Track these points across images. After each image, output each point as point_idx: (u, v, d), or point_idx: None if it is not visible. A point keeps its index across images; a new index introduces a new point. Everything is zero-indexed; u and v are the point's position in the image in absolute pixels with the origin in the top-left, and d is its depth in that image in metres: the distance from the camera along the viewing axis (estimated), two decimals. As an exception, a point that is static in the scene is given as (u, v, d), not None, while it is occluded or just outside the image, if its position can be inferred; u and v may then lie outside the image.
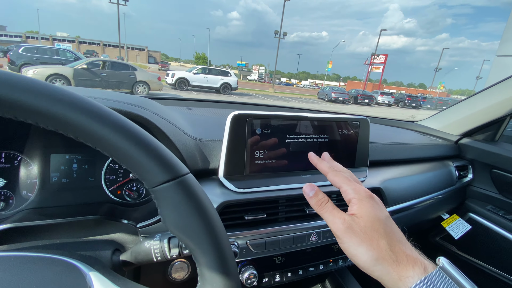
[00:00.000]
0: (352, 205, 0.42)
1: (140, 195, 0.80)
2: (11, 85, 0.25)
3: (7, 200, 0.69)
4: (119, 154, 0.29)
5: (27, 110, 0.25)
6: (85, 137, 0.28)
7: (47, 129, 0.28)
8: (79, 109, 0.27)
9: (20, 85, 0.25)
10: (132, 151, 0.29)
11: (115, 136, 0.28)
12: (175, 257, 0.45)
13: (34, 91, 0.25)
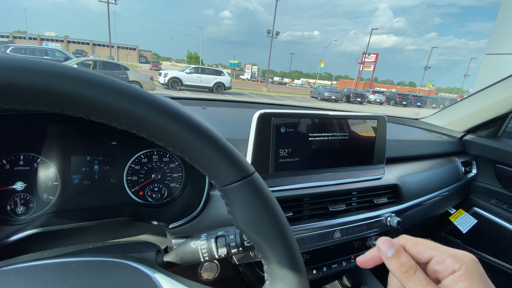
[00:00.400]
0: (455, 281, 0.29)
1: (162, 196, 0.79)
2: (92, 84, 0.24)
3: (27, 204, 0.67)
4: (192, 154, 0.29)
5: (108, 112, 0.25)
6: (159, 137, 0.28)
7: (120, 128, 0.27)
8: (158, 109, 0.26)
9: (102, 84, 0.24)
10: (207, 151, 0.29)
11: (192, 137, 0.28)
12: (223, 257, 0.45)
13: (114, 90, 0.25)
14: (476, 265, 0.30)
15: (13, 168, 0.66)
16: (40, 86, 0.22)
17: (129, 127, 0.27)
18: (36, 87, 0.21)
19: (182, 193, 0.79)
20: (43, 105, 0.23)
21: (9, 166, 0.66)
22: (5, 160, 0.65)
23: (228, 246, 0.45)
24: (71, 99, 0.23)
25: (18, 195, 0.66)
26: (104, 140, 0.76)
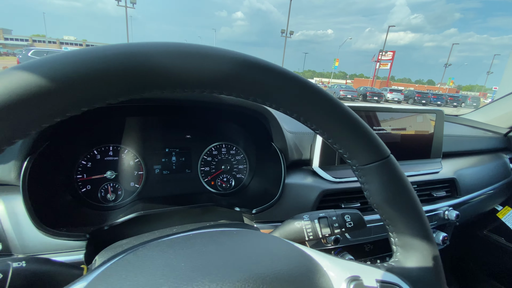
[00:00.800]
0: None
1: (231, 186, 0.84)
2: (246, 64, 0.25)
3: (116, 192, 0.73)
4: (338, 134, 0.32)
5: (268, 93, 0.27)
6: (311, 118, 0.30)
7: (271, 107, 0.29)
8: (316, 93, 0.29)
9: (257, 65, 0.26)
10: (353, 133, 0.32)
11: (342, 119, 0.30)
12: (327, 236, 0.48)
13: (274, 72, 0.27)
14: None
15: (104, 158, 0.73)
16: (194, 69, 0.22)
17: (285, 109, 0.30)
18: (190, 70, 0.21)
19: (250, 183, 0.84)
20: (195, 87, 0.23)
21: (100, 156, 0.72)
22: (97, 151, 0.72)
23: (331, 226, 0.48)
24: (232, 80, 0.24)
25: (108, 183, 0.72)
26: (180, 133, 0.82)
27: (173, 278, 0.23)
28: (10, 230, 0.50)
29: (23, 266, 0.33)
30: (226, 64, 0.23)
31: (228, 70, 0.23)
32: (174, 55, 0.21)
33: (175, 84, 0.22)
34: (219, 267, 0.25)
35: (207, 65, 0.22)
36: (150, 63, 0.20)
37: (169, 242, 0.30)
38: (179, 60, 0.21)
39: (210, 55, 0.22)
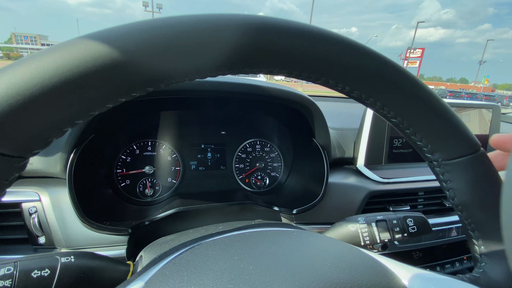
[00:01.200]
0: None
1: (265, 184, 0.81)
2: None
3: (154, 187, 0.73)
4: (422, 123, 0.27)
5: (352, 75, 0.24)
6: (389, 101, 0.26)
7: (341, 91, 0.26)
8: (407, 80, 0.25)
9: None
10: (442, 121, 0.27)
11: (430, 103, 0.26)
12: (386, 241, 0.43)
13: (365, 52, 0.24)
14: None
15: (143, 153, 0.73)
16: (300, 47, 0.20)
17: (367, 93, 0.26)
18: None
19: (285, 181, 0.80)
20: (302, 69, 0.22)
21: (138, 151, 0.72)
22: (136, 146, 0.72)
23: (392, 231, 0.43)
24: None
25: (147, 178, 0.72)
26: (215, 130, 0.80)
27: (244, 284, 0.20)
28: (54, 223, 0.50)
29: (71, 261, 0.31)
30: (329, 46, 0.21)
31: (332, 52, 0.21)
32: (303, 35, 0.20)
33: (291, 65, 0.21)
34: (295, 273, 0.21)
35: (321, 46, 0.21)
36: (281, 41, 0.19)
37: (228, 240, 0.27)
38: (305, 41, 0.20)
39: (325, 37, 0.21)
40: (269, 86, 0.58)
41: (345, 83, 0.24)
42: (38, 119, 0.15)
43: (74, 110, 0.16)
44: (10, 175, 0.15)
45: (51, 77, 0.14)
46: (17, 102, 0.14)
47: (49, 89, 0.14)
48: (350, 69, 0.23)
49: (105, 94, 0.16)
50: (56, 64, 0.14)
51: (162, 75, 0.17)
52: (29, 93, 0.14)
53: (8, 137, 0.14)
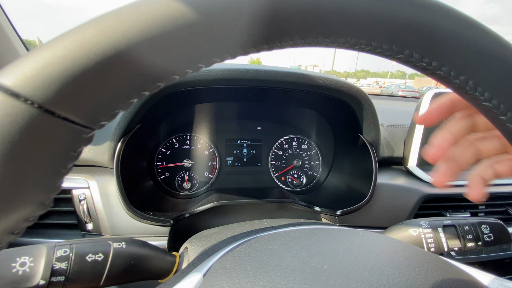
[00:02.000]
0: None
1: (302, 183, 0.78)
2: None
3: (191, 181, 0.73)
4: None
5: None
6: (498, 84, 0.21)
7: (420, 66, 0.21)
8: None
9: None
10: None
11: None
12: (455, 250, 0.38)
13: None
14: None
15: (181, 147, 0.73)
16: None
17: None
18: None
19: (325, 180, 0.76)
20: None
21: (178, 144, 0.73)
22: (175, 139, 0.73)
23: (463, 238, 0.38)
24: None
25: (185, 171, 0.72)
26: (251, 125, 0.78)
27: (322, 285, 0.17)
28: (101, 211, 0.52)
29: (123, 247, 0.31)
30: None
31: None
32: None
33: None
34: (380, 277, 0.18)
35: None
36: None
37: (288, 236, 0.24)
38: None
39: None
40: (315, 74, 0.55)
41: (433, 57, 0.20)
42: (110, 86, 0.13)
43: (144, 78, 0.14)
44: (78, 147, 0.14)
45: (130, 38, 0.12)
46: (91, 65, 0.12)
47: (125, 52, 0.13)
48: (444, 39, 0.19)
49: (177, 62, 0.14)
50: (137, 23, 0.13)
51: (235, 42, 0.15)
52: (105, 56, 0.12)
53: (79, 103, 0.13)
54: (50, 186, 0.13)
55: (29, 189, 0.12)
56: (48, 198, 0.14)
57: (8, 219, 0.12)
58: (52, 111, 0.12)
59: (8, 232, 0.13)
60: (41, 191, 0.13)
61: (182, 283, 0.21)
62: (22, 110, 0.11)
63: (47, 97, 0.12)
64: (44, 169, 0.13)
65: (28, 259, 0.26)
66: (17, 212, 0.12)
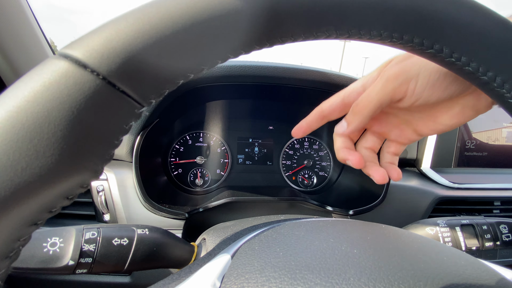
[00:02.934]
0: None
1: (312, 183, 0.78)
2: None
3: (203, 177, 0.74)
4: None
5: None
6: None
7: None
8: None
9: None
10: None
11: None
12: (473, 250, 0.38)
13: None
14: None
15: (194, 144, 0.74)
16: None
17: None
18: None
19: (337, 179, 0.76)
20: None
21: (191, 141, 0.74)
22: (189, 136, 0.74)
23: (481, 238, 0.37)
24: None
25: (197, 168, 0.73)
26: (263, 124, 0.79)
27: (353, 267, 0.17)
28: (118, 202, 0.53)
29: (146, 234, 0.32)
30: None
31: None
32: None
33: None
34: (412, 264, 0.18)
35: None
36: None
37: (312, 224, 0.25)
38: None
39: None
40: (329, 72, 0.55)
41: (462, 53, 0.20)
42: (165, 65, 0.14)
43: (194, 60, 0.15)
44: (130, 121, 0.15)
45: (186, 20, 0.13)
46: (150, 43, 0.13)
47: (182, 32, 0.14)
48: (476, 34, 0.19)
49: (231, 43, 0.15)
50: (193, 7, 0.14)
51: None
52: (164, 35, 0.13)
53: (136, 79, 0.14)
54: (104, 155, 0.14)
55: (88, 154, 0.13)
56: (102, 166, 0.15)
57: (67, 182, 0.13)
58: (113, 83, 0.13)
59: (64, 196, 0.14)
60: (97, 158, 0.14)
61: (211, 263, 0.21)
62: (89, 80, 0.12)
63: (110, 69, 0.13)
64: (102, 137, 0.14)
65: (59, 239, 0.27)
66: (76, 176, 0.13)
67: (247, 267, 0.19)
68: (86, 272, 0.28)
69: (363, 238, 0.21)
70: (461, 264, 0.19)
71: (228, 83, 0.58)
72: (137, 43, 0.13)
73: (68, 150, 0.13)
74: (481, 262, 0.21)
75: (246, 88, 0.64)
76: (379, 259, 0.18)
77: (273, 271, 0.18)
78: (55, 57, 0.13)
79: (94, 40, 0.13)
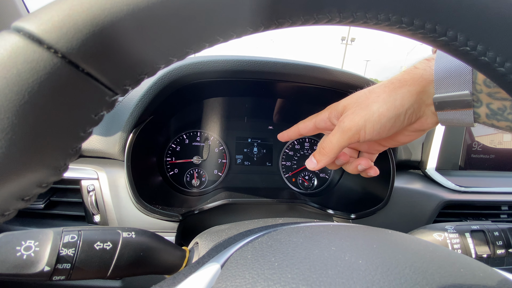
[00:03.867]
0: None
1: (313, 185, 0.75)
2: None
3: (200, 178, 0.71)
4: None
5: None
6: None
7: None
8: None
9: None
10: None
11: None
12: (484, 257, 0.36)
13: None
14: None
15: (191, 143, 0.72)
16: None
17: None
18: None
19: (338, 182, 0.73)
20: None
21: (188, 141, 0.72)
22: (185, 135, 0.72)
23: (492, 244, 0.35)
24: None
25: (194, 168, 0.71)
26: (262, 124, 0.77)
27: (359, 281, 0.15)
28: (109, 203, 0.50)
29: (132, 237, 0.30)
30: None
31: None
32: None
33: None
34: (420, 275, 0.16)
35: None
36: None
37: (312, 229, 0.22)
38: None
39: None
40: (331, 68, 0.53)
41: (479, 40, 0.18)
42: (139, 44, 0.12)
43: (175, 42, 0.13)
44: (100, 110, 0.13)
45: None
46: (120, 17, 0.11)
47: (159, 7, 0.11)
48: (496, 21, 0.17)
49: (221, 23, 0.13)
50: None
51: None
52: (137, 8, 0.11)
53: (105, 60, 0.11)
54: (67, 149, 0.12)
55: (44, 148, 0.11)
56: (64, 163, 0.13)
57: (19, 181, 0.11)
58: (76, 64, 0.11)
59: (18, 197, 0.11)
60: (57, 152, 0.12)
61: (198, 274, 0.19)
62: (43, 58, 0.10)
63: (72, 47, 0.10)
64: (62, 128, 0.11)
65: (34, 243, 0.25)
66: (30, 174, 0.11)
67: (237, 279, 0.17)
68: (65, 279, 0.25)
69: (369, 246, 0.19)
70: (479, 276, 0.17)
71: (226, 78, 0.56)
72: (106, 15, 0.11)
73: (18, 142, 0.10)
74: (503, 275, 0.19)
75: (245, 85, 0.62)
76: (388, 272, 0.16)
77: (266, 285, 0.16)
78: (6, 31, 0.11)
79: (53, 11, 0.10)
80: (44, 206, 0.50)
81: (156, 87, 0.47)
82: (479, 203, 0.59)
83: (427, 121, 0.33)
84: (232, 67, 0.51)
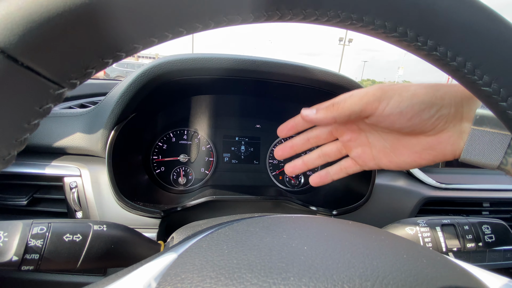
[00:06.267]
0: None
1: (300, 183, 0.76)
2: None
3: (187, 176, 0.72)
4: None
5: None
6: (498, 66, 0.20)
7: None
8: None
9: None
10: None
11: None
12: (454, 251, 0.36)
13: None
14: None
15: (178, 142, 0.72)
16: None
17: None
18: None
19: (324, 182, 0.74)
20: None
21: (175, 139, 0.72)
22: (172, 133, 0.72)
23: (462, 238, 0.36)
24: None
25: (181, 166, 0.71)
26: (250, 122, 0.77)
27: (299, 265, 0.15)
28: (91, 200, 0.51)
29: (103, 230, 0.30)
30: None
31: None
32: None
33: None
34: (363, 261, 0.16)
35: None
36: None
37: (272, 220, 0.23)
38: None
39: None
40: (314, 68, 0.54)
41: (428, 36, 0.18)
42: (81, 37, 0.12)
43: (123, 34, 0.13)
44: (45, 103, 0.13)
45: None
46: (60, 10, 0.11)
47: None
48: (440, 16, 0.18)
49: (167, 19, 0.13)
50: None
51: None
52: (78, 10, 0.11)
53: (45, 53, 0.12)
54: (10, 140, 0.13)
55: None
56: (8, 152, 0.13)
57: None
58: (14, 58, 0.11)
59: None
60: (1, 142, 0.12)
61: (153, 263, 0.20)
62: None
63: (9, 41, 0.11)
64: (3, 119, 0.12)
65: (3, 234, 0.25)
66: None
67: (187, 266, 0.17)
68: (33, 269, 0.26)
69: (320, 235, 0.20)
70: (422, 262, 0.17)
71: (212, 76, 0.56)
72: (43, 9, 0.11)
73: None
74: (447, 259, 0.20)
75: (233, 83, 0.63)
76: (328, 257, 0.16)
77: (212, 270, 0.16)
78: None
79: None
80: (27, 203, 0.50)
81: (136, 84, 0.48)
82: (460, 200, 0.60)
83: (447, 141, 0.28)
84: (217, 65, 0.51)
